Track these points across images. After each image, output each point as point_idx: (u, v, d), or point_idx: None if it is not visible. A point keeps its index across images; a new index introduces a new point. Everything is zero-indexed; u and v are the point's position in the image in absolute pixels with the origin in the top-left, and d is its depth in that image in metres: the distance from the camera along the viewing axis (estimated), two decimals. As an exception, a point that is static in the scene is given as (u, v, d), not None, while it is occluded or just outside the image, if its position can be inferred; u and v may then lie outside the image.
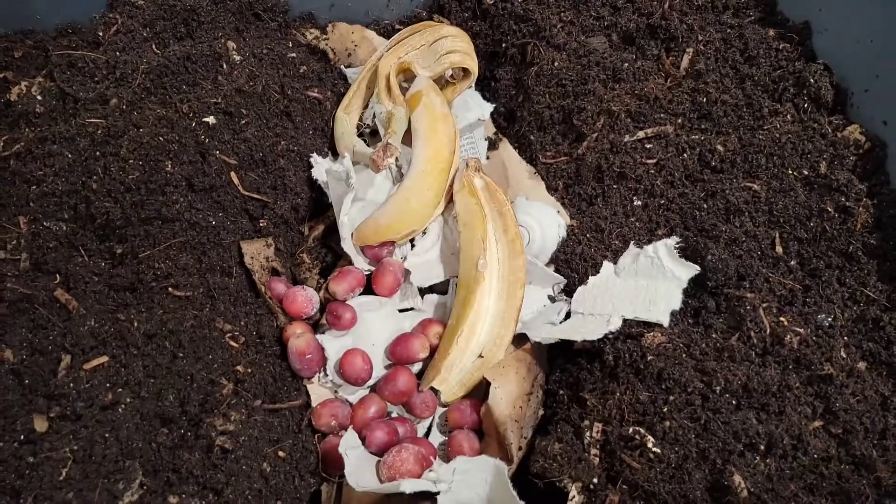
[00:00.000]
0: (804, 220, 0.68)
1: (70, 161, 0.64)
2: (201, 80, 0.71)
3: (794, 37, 0.81)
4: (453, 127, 0.77)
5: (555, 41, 0.85)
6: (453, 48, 0.80)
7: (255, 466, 0.57)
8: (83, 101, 0.67)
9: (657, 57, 0.84)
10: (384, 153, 0.70)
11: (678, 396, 0.58)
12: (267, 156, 0.71)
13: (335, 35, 0.92)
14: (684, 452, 0.55)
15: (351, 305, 0.70)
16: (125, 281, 0.62)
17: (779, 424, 0.56)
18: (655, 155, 0.75)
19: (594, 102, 0.79)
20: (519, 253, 0.69)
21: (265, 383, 0.62)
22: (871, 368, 0.61)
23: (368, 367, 0.67)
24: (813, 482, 0.54)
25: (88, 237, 0.64)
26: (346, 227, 0.73)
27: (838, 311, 0.63)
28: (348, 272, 0.72)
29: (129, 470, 0.51)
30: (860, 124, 0.73)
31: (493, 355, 0.67)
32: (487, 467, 0.57)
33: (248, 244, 0.69)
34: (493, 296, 0.68)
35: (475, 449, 0.64)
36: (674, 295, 0.62)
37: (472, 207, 0.71)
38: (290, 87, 0.78)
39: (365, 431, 0.63)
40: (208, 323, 0.62)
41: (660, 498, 0.53)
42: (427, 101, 0.77)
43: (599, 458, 0.57)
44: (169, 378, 0.57)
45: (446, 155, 0.75)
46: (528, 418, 0.65)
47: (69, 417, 0.54)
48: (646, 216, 0.73)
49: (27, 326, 0.58)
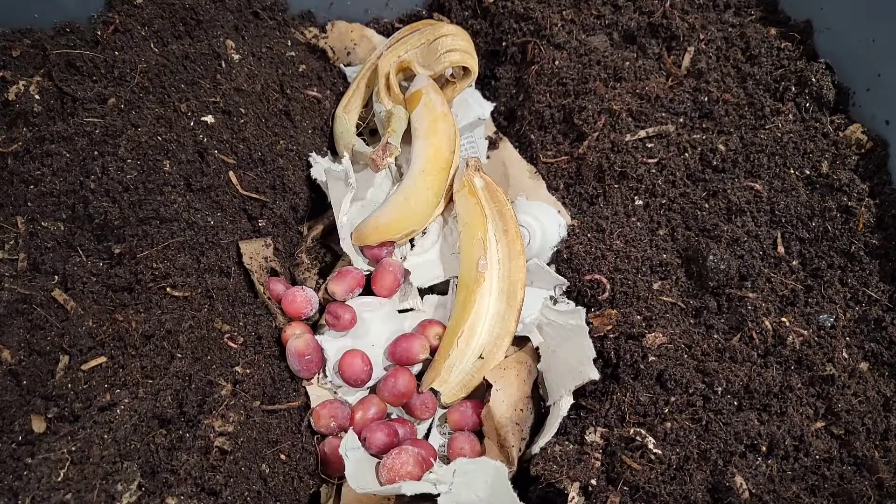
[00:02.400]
0: (806, 219, 0.68)
1: (68, 161, 0.64)
2: (200, 80, 0.71)
3: (795, 36, 0.81)
4: (453, 126, 0.77)
5: (555, 40, 0.85)
6: (453, 47, 0.79)
7: (254, 468, 0.57)
8: (81, 100, 0.66)
9: (658, 56, 0.84)
10: (384, 152, 0.69)
11: (679, 397, 0.58)
12: (266, 155, 0.71)
13: (334, 34, 0.92)
14: (685, 453, 0.55)
15: (350, 306, 0.69)
16: (123, 281, 0.62)
17: (780, 425, 0.56)
18: (657, 154, 0.75)
19: (595, 101, 0.78)
20: (519, 253, 0.69)
21: (264, 384, 0.62)
22: (873, 369, 0.60)
23: (368, 368, 0.66)
24: (815, 483, 0.54)
25: (86, 237, 0.64)
26: (345, 227, 0.73)
27: (840, 312, 0.63)
28: (347, 272, 0.71)
29: (126, 471, 0.51)
30: (862, 124, 0.72)
31: (494, 356, 0.67)
32: (488, 469, 0.56)
33: (246, 244, 0.69)
34: (494, 296, 0.67)
35: (476, 451, 0.64)
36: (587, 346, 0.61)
37: (473, 208, 0.71)
38: (290, 86, 0.78)
39: (365, 433, 0.63)
40: (206, 323, 0.62)
41: (661, 499, 0.52)
42: (427, 100, 0.76)
43: (600, 460, 0.57)
44: (167, 379, 0.57)
45: (446, 154, 0.74)
46: (529, 420, 0.64)
47: (67, 418, 0.54)
48: (647, 216, 0.72)
49: (25, 327, 0.58)
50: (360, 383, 0.66)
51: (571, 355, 0.62)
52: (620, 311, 0.64)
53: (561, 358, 0.64)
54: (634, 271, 0.67)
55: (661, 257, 0.68)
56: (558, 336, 0.65)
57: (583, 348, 0.61)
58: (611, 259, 0.69)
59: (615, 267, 0.68)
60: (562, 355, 0.64)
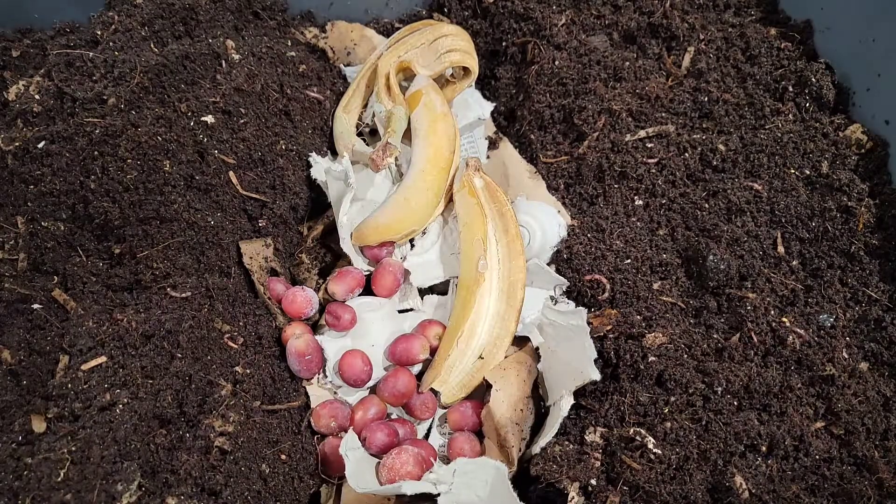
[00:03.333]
0: (806, 219, 0.68)
1: (68, 161, 0.64)
2: (200, 80, 0.71)
3: (795, 36, 0.81)
4: (453, 126, 0.77)
5: (555, 40, 0.85)
6: (453, 47, 0.79)
7: (254, 468, 0.57)
8: (81, 100, 0.66)
9: (658, 56, 0.84)
10: (383, 153, 0.69)
11: (679, 397, 0.58)
12: (266, 155, 0.71)
13: (334, 34, 0.92)
14: (685, 453, 0.55)
15: (350, 306, 0.69)
16: (123, 281, 0.62)
17: (780, 425, 0.56)
18: (656, 154, 0.75)
19: (595, 101, 0.78)
20: (519, 253, 0.69)
21: (264, 384, 0.62)
22: (873, 369, 0.60)
23: (368, 368, 0.66)
24: (815, 483, 0.54)
25: (86, 237, 0.64)
26: (345, 228, 0.73)
27: (840, 312, 0.63)
28: (347, 272, 0.71)
29: (127, 471, 0.51)
30: (862, 124, 0.72)
31: (494, 357, 0.67)
32: (488, 469, 0.56)
33: (247, 244, 0.69)
34: (494, 296, 0.67)
35: (476, 451, 0.64)
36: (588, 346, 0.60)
37: (473, 208, 0.71)
38: (290, 86, 0.78)
39: (365, 433, 0.63)
40: (207, 323, 0.62)
41: (660, 499, 0.52)
42: (427, 101, 0.76)
43: (600, 460, 0.57)
44: (167, 379, 0.57)
45: (446, 154, 0.74)
46: (529, 420, 0.64)
47: (67, 418, 0.54)
48: (647, 216, 0.72)
49: (25, 327, 0.58)
50: (360, 384, 0.66)
51: (572, 355, 0.62)
52: (620, 311, 0.64)
53: (561, 358, 0.64)
54: (634, 271, 0.67)
55: (661, 257, 0.68)
56: (559, 336, 0.65)
57: (584, 349, 0.61)
58: (611, 259, 0.69)
59: (615, 267, 0.68)
60: (562, 355, 0.64)
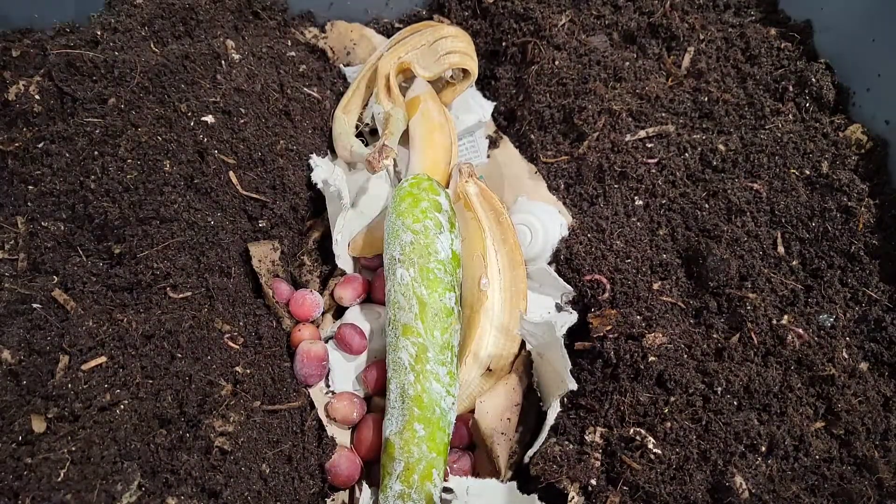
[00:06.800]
0: (806, 220, 0.68)
1: (68, 161, 0.64)
2: (200, 80, 0.71)
3: (795, 36, 0.81)
4: (450, 137, 0.77)
5: (555, 40, 0.85)
6: (453, 49, 0.79)
7: (254, 468, 0.57)
8: (81, 100, 0.66)
9: (658, 56, 0.84)
10: (380, 155, 0.69)
11: (679, 397, 0.58)
12: (266, 155, 0.71)
13: (334, 34, 0.92)
14: (685, 453, 0.55)
15: (362, 330, 0.70)
16: (123, 281, 0.62)
17: (780, 425, 0.56)
18: (657, 154, 0.75)
19: (595, 102, 0.78)
20: (520, 263, 0.69)
21: (264, 384, 0.62)
22: (873, 369, 0.60)
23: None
24: (815, 483, 0.54)
25: (86, 237, 0.64)
26: (339, 245, 0.74)
27: (840, 312, 0.63)
28: (354, 278, 0.74)
29: (127, 471, 0.51)
30: (862, 124, 0.73)
31: (502, 369, 0.67)
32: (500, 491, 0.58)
33: (255, 247, 0.69)
34: (497, 309, 0.67)
35: (464, 470, 0.64)
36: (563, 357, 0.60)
37: (469, 223, 0.70)
38: (290, 86, 0.78)
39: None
40: (207, 323, 0.62)
41: (660, 499, 0.53)
42: (424, 109, 0.77)
43: (600, 460, 0.57)
44: (167, 379, 0.57)
45: (442, 167, 0.75)
46: (518, 428, 0.64)
47: (67, 418, 0.53)
48: (647, 216, 0.72)
49: (25, 327, 0.58)
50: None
51: (556, 364, 0.62)
52: (620, 312, 0.64)
53: (548, 365, 0.64)
54: (634, 271, 0.67)
55: (662, 257, 0.68)
56: (540, 345, 0.65)
57: (560, 360, 0.60)
58: (611, 259, 0.69)
59: (615, 267, 0.68)
60: (549, 363, 0.64)
